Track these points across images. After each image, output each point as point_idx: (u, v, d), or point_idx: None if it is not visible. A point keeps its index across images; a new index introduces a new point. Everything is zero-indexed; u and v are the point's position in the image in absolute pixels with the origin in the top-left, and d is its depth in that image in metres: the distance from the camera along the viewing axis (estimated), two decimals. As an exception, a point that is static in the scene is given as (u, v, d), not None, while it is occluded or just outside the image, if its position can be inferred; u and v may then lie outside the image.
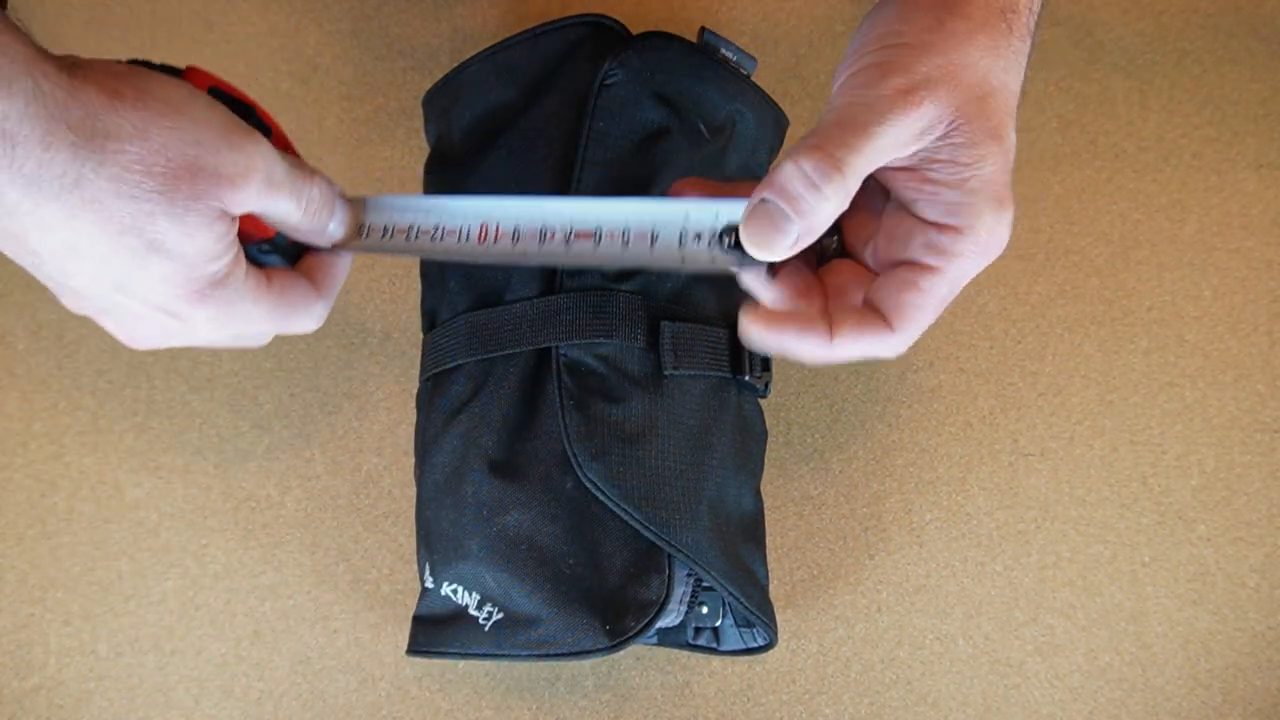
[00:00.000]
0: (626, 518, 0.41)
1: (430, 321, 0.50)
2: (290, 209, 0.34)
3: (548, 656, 0.42)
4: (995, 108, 0.32)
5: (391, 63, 0.61)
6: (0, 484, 0.55)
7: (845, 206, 0.32)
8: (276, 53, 0.61)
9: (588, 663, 0.53)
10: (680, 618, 0.45)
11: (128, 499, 0.55)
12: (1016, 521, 0.56)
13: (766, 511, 0.51)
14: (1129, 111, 0.62)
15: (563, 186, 0.45)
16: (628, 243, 0.34)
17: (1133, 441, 0.57)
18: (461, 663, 0.53)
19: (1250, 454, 0.57)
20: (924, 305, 0.34)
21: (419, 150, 0.60)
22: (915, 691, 0.53)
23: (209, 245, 0.31)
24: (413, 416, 0.56)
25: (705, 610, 0.45)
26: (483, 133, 0.49)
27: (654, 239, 0.34)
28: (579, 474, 0.41)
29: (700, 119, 0.46)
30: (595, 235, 0.34)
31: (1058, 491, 0.56)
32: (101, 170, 0.28)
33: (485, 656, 0.43)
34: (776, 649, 0.53)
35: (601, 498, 0.41)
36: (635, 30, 0.48)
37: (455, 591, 0.44)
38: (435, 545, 0.46)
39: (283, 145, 0.36)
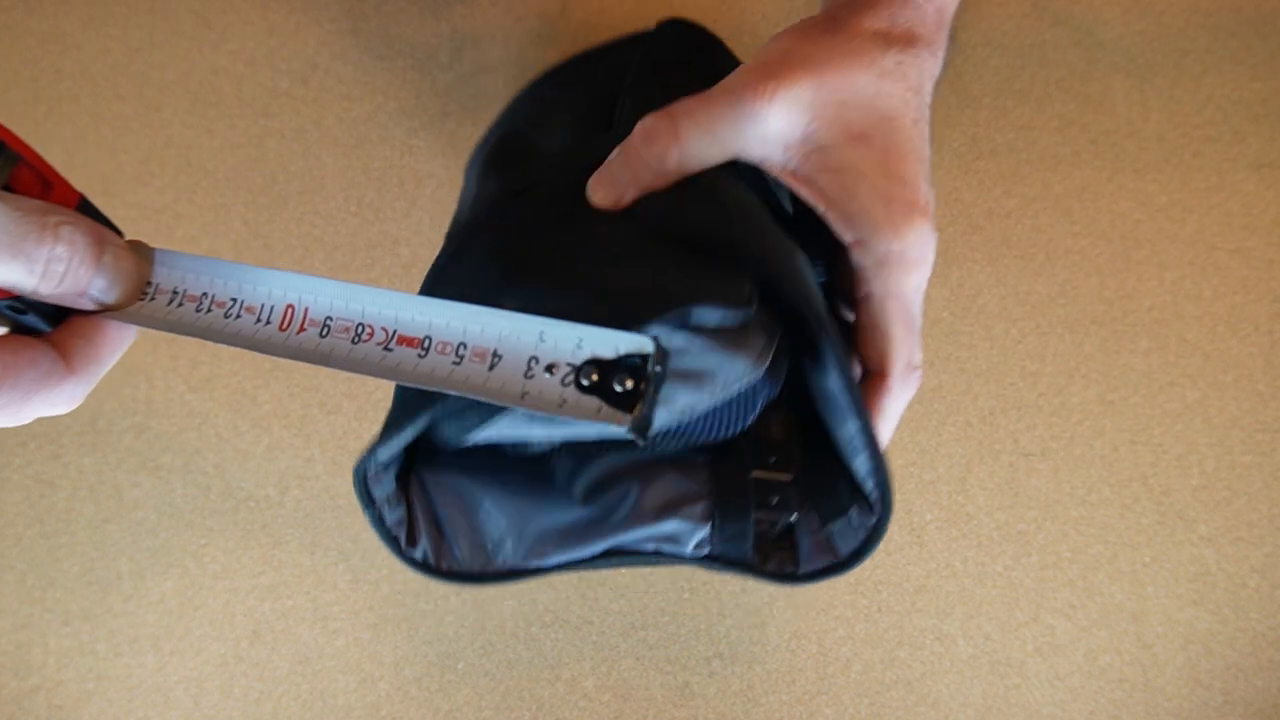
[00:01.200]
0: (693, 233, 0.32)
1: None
2: (20, 274, 0.27)
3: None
4: (858, 116, 0.33)
5: (391, 62, 0.61)
6: (0, 484, 0.55)
7: (679, 169, 0.33)
8: (276, 52, 0.61)
9: (587, 664, 0.53)
10: (680, 418, 0.35)
11: (127, 499, 0.55)
12: (1017, 522, 0.56)
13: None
14: (1129, 111, 0.62)
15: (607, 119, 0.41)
16: (460, 359, 0.27)
17: (1133, 441, 0.57)
18: (461, 663, 0.53)
19: (1251, 454, 0.57)
20: (884, 334, 0.34)
21: (418, 150, 0.60)
22: (915, 692, 0.53)
23: None
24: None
25: (776, 499, 0.35)
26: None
27: (494, 360, 0.27)
28: (641, 213, 0.34)
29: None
30: (423, 343, 0.28)
31: (1058, 492, 0.56)
32: None
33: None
34: (776, 649, 0.53)
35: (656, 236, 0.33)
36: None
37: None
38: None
39: (31, 183, 0.29)
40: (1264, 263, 0.60)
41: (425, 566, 0.34)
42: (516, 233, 0.36)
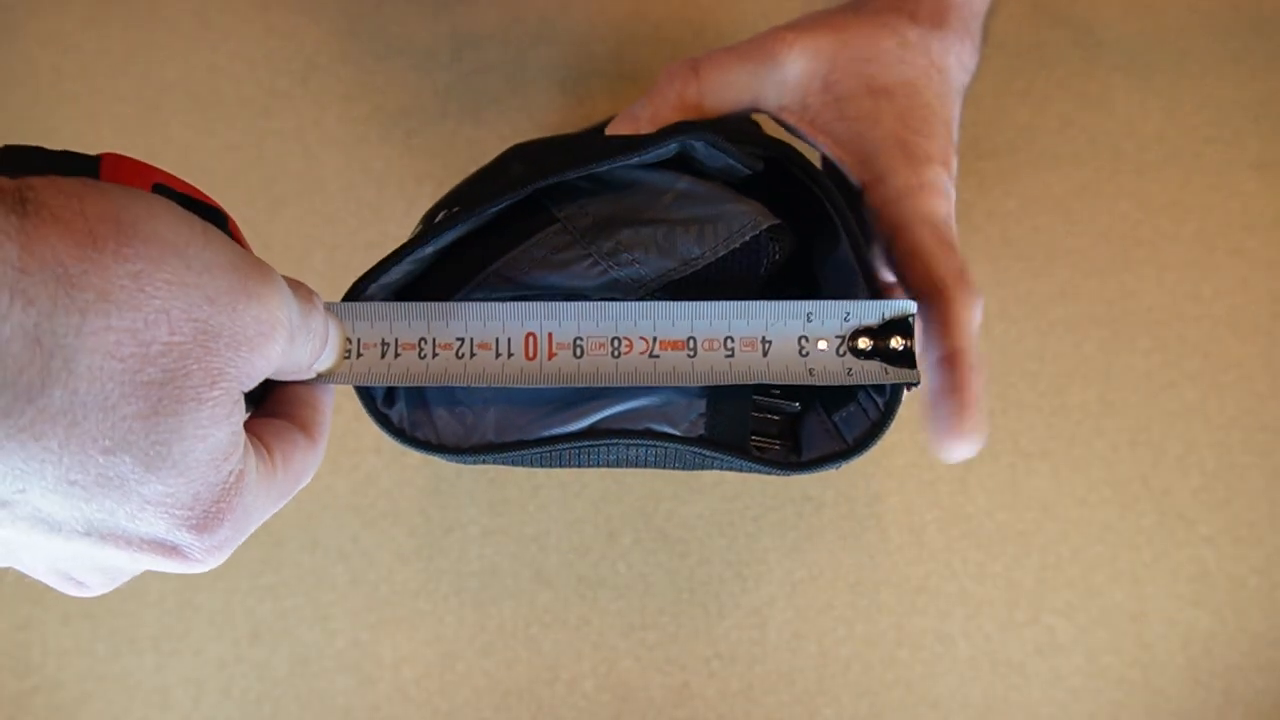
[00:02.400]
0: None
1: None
2: (302, 357, 0.25)
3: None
4: (878, 72, 0.33)
5: (391, 63, 0.61)
6: None
7: (698, 108, 0.34)
8: (275, 52, 0.61)
9: (587, 664, 0.53)
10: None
11: (127, 499, 0.55)
12: (1017, 522, 0.56)
13: (766, 511, 0.50)
14: (1129, 111, 0.62)
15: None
16: (731, 352, 0.28)
17: (1133, 442, 0.57)
18: (461, 663, 0.53)
19: (1251, 454, 0.57)
20: (924, 255, 0.32)
21: (418, 150, 0.60)
22: (915, 692, 0.53)
23: (224, 442, 0.21)
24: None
25: (778, 390, 0.33)
26: None
27: (765, 345, 0.28)
28: None
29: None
30: (688, 344, 0.28)
31: (1058, 492, 0.56)
32: (74, 365, 0.18)
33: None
34: (776, 649, 0.53)
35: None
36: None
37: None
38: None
39: (239, 242, 0.26)
40: (1264, 263, 0.60)
41: (399, 432, 0.32)
42: (526, 145, 0.37)
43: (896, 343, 0.28)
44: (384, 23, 0.62)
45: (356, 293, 0.30)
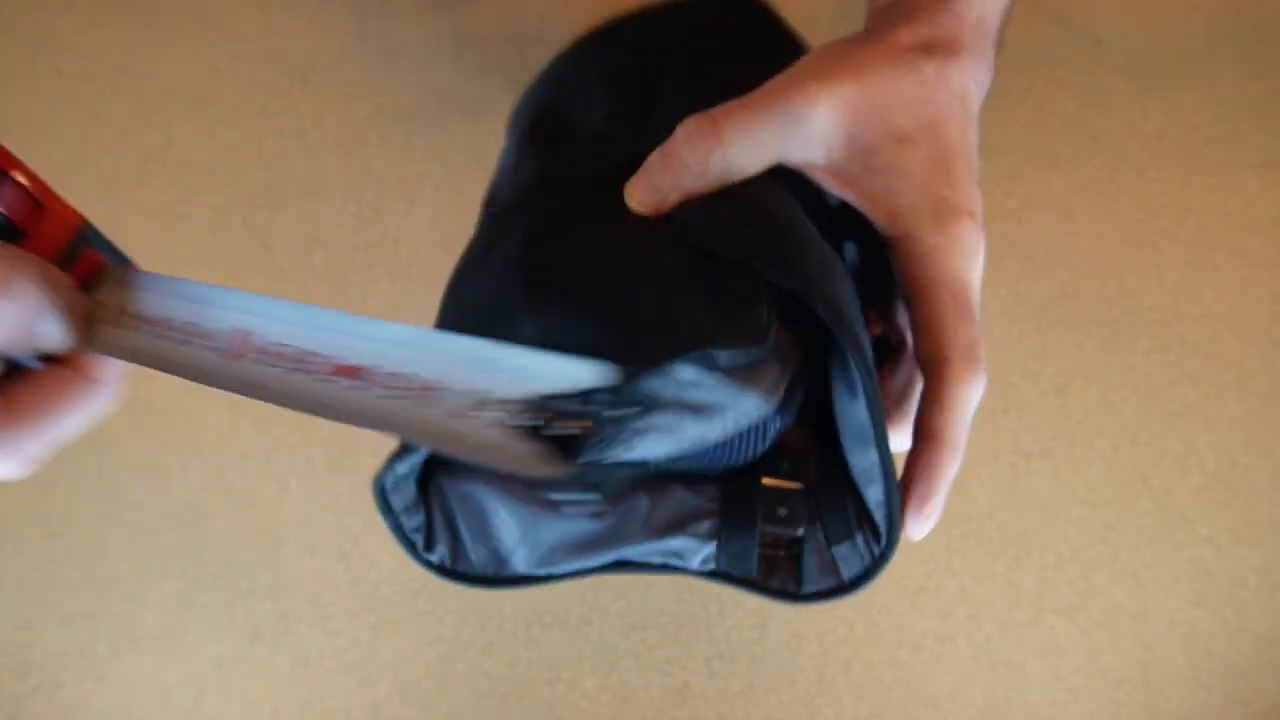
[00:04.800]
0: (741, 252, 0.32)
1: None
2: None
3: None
4: (902, 119, 0.33)
5: (391, 63, 0.61)
6: (1, 484, 0.55)
7: (722, 174, 0.33)
8: (276, 52, 0.61)
9: (587, 664, 0.53)
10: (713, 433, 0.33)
11: (128, 499, 0.55)
12: (1018, 522, 0.56)
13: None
14: (1130, 111, 0.62)
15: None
16: (398, 396, 0.25)
17: (1134, 442, 0.57)
18: (461, 664, 0.53)
19: (1251, 454, 0.57)
20: (939, 322, 0.32)
21: (418, 150, 0.60)
22: (916, 692, 0.53)
23: None
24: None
25: (784, 512, 0.35)
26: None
27: (431, 394, 0.25)
28: (679, 223, 0.33)
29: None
30: (360, 372, 0.26)
31: (1059, 492, 0.56)
32: None
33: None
34: (776, 649, 0.53)
35: (706, 243, 0.32)
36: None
37: None
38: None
39: (20, 203, 0.26)
40: (1264, 263, 0.60)
41: (441, 569, 0.36)
42: (544, 235, 0.35)
43: (567, 427, 0.25)
44: (384, 23, 0.62)
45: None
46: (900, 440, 0.35)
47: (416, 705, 0.53)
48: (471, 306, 0.34)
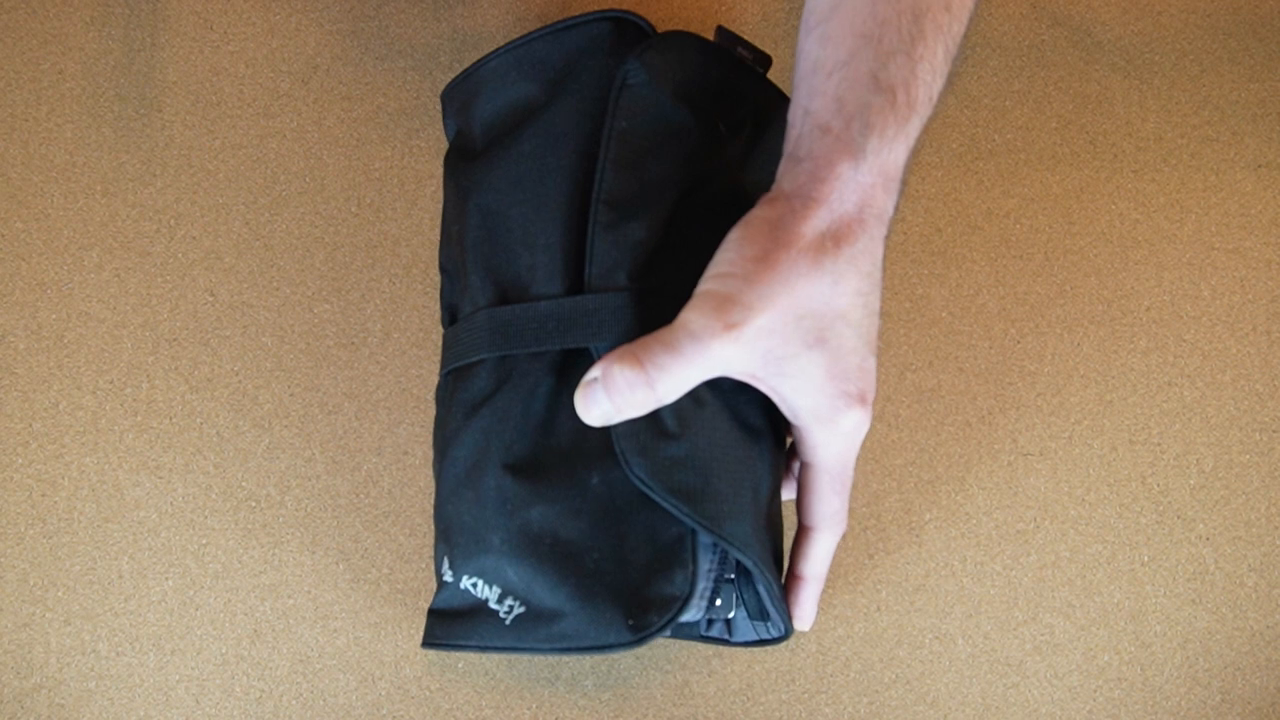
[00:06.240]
0: (675, 512, 0.40)
1: (451, 315, 0.50)
2: None
3: (569, 650, 0.41)
4: (813, 324, 0.37)
5: (391, 63, 0.61)
6: (0, 484, 0.55)
7: (658, 406, 0.38)
8: (276, 53, 0.61)
9: (587, 663, 0.53)
10: (701, 613, 0.44)
11: (128, 499, 0.55)
12: (1016, 521, 0.56)
13: (766, 511, 0.51)
14: (1128, 111, 0.62)
15: (586, 187, 0.44)
16: None
17: (1132, 441, 0.57)
18: (461, 662, 0.53)
19: (1249, 453, 0.57)
20: (818, 497, 0.43)
21: (419, 150, 0.60)
22: (915, 691, 0.53)
23: None
24: (413, 416, 0.56)
25: (720, 603, 0.43)
26: (504, 128, 0.48)
27: None
28: (627, 470, 0.40)
29: (720, 118, 0.46)
30: None
31: (1057, 491, 0.56)
32: None
33: (505, 650, 0.43)
34: (776, 648, 0.53)
35: (650, 494, 0.40)
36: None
37: (475, 585, 0.44)
38: (455, 539, 0.45)
39: None
40: (1262, 263, 0.60)
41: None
42: (509, 438, 0.44)
43: None
44: (385, 23, 0.62)
45: None
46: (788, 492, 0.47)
47: (417, 704, 0.53)
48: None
